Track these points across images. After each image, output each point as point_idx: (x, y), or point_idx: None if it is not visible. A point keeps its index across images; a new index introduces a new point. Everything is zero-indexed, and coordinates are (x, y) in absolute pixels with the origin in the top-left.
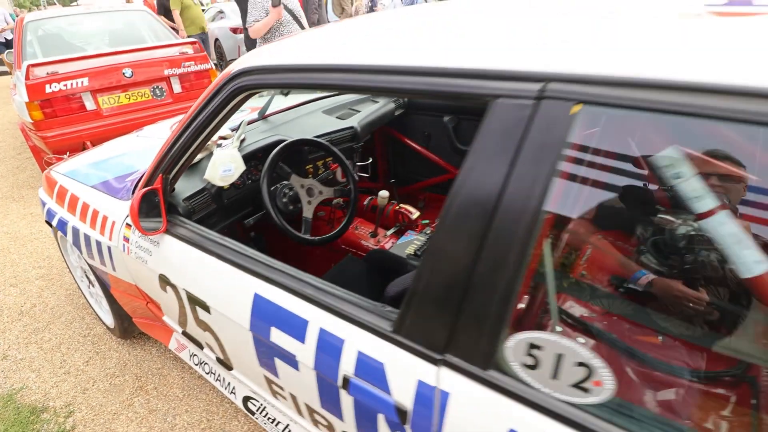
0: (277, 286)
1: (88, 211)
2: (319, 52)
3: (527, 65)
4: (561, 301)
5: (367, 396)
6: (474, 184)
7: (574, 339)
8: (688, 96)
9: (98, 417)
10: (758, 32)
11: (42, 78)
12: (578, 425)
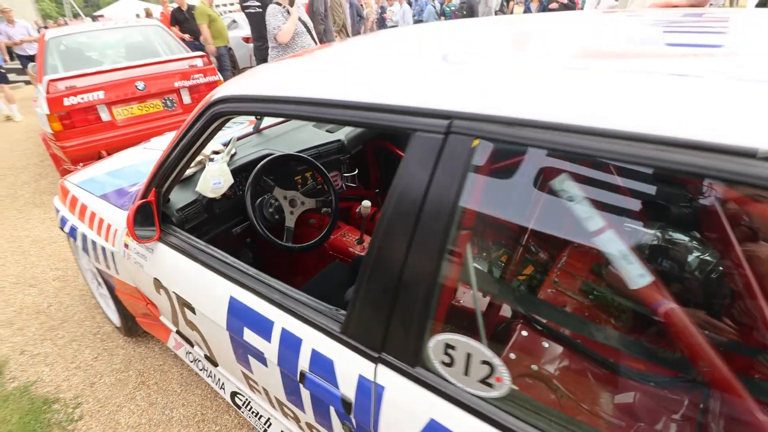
0: (249, 291)
1: (95, 219)
2: (283, 86)
3: (438, 104)
4: (473, 307)
5: (319, 389)
6: (398, 204)
7: (479, 341)
8: (556, 134)
9: (103, 408)
10: (637, 83)
11: (61, 92)
12: (484, 416)
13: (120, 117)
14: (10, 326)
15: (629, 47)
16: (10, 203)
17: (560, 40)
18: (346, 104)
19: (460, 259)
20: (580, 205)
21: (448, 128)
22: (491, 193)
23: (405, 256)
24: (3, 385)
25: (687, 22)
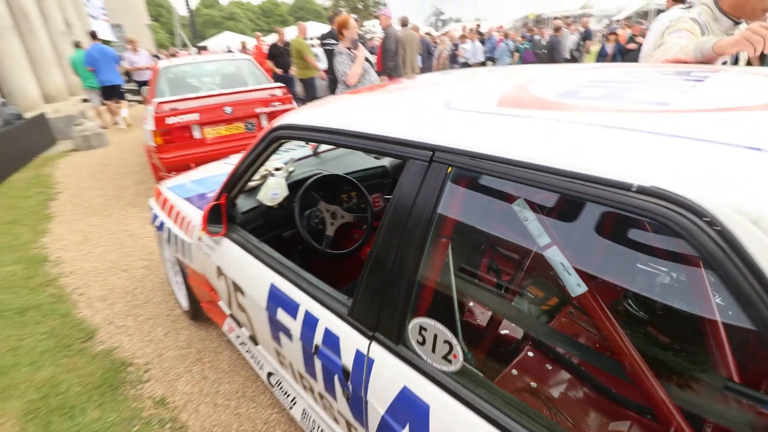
0: (285, 279)
1: (179, 217)
2: (328, 119)
3: (422, 137)
4: (442, 296)
5: (328, 360)
6: (392, 214)
7: (443, 324)
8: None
9: (166, 375)
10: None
11: (166, 112)
12: (443, 386)
13: (209, 136)
14: (104, 301)
15: (581, 102)
16: (116, 203)
17: (528, 91)
18: (367, 136)
19: (435, 259)
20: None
21: (431, 158)
22: (460, 209)
23: (394, 256)
24: (93, 346)
25: (664, 79)
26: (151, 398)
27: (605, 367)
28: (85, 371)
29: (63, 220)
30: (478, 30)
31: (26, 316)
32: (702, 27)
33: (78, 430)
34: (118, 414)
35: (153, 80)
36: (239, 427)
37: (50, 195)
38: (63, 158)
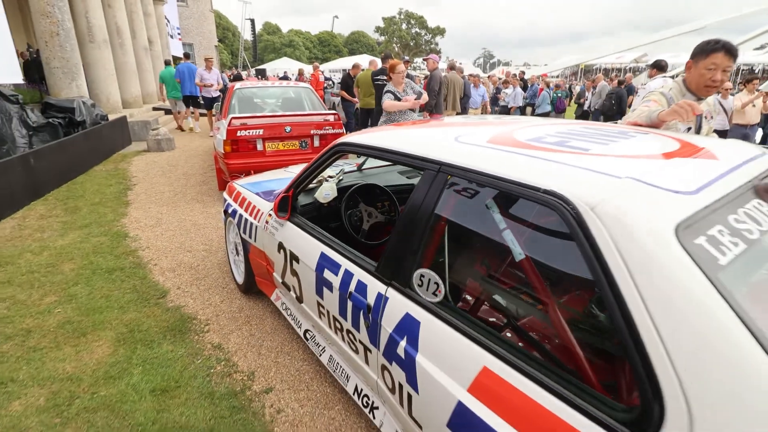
0: (331, 248)
1: (249, 206)
2: (372, 140)
3: (435, 156)
4: (436, 258)
5: (357, 300)
6: (409, 206)
7: (435, 270)
8: (480, 177)
9: (221, 330)
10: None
11: (237, 126)
12: (430, 309)
13: (269, 149)
14: (173, 272)
15: (539, 144)
16: (182, 197)
17: (511, 135)
18: (401, 153)
19: (434, 236)
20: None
21: (438, 169)
22: (453, 206)
23: (408, 232)
24: (166, 303)
25: (600, 135)
26: (210, 343)
27: (524, 301)
28: (160, 318)
29: (138, 207)
30: (522, 77)
31: (113, 275)
32: (669, 100)
33: (156, 356)
34: (185, 350)
35: (228, 98)
36: (276, 371)
37: (127, 185)
38: (137, 156)
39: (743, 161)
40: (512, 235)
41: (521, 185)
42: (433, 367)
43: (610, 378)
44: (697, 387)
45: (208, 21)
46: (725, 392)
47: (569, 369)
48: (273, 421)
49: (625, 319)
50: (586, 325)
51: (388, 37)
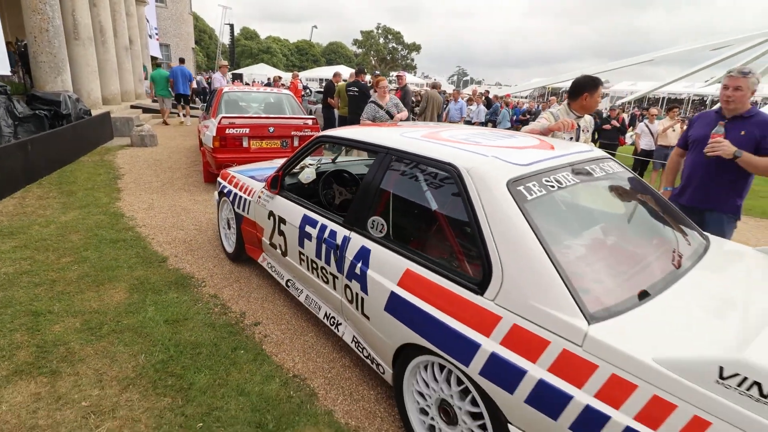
0: (310, 210)
1: (244, 186)
2: (347, 134)
3: (385, 143)
4: (383, 210)
5: (329, 243)
6: (367, 176)
7: (382, 216)
8: (411, 155)
9: (216, 285)
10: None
11: (226, 125)
12: (377, 240)
13: (253, 146)
14: (169, 244)
15: (452, 138)
16: (170, 187)
17: (437, 134)
18: (364, 142)
19: (382, 196)
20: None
21: (386, 153)
22: (392, 178)
23: (365, 194)
24: (167, 265)
25: (492, 136)
26: (207, 294)
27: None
28: (164, 275)
29: (130, 193)
30: (486, 96)
31: (118, 244)
32: (555, 117)
33: (165, 300)
34: (188, 297)
35: (217, 100)
36: (263, 312)
37: (116, 175)
38: (121, 150)
39: (570, 152)
40: (429, 190)
41: (435, 160)
42: (377, 275)
43: (470, 263)
44: (507, 262)
45: (187, 23)
46: (520, 265)
47: (451, 262)
48: (261, 342)
49: (478, 229)
50: (460, 237)
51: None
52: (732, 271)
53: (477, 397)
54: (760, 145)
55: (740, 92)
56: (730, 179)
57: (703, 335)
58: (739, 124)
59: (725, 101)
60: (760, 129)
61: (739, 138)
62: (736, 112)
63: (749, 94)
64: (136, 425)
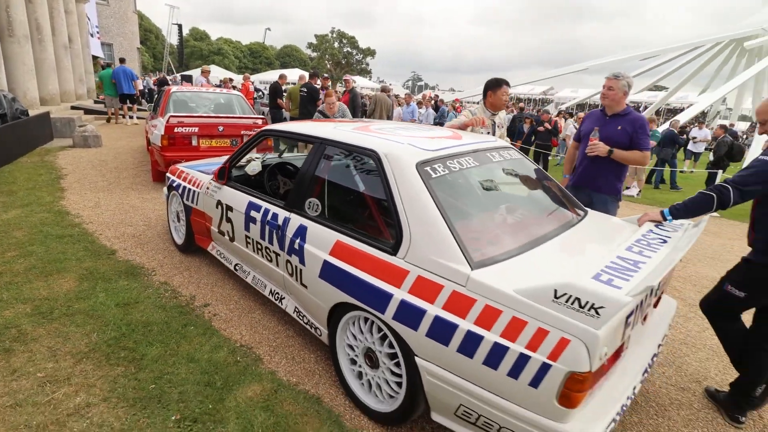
0: (255, 197)
1: (192, 179)
2: (286, 128)
3: (320, 135)
4: (318, 193)
5: (272, 225)
6: (305, 163)
7: (317, 198)
8: (343, 144)
9: (166, 274)
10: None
11: (174, 123)
12: (313, 219)
13: (203, 145)
14: (118, 239)
15: (379, 129)
16: (117, 186)
17: (368, 127)
18: (301, 134)
19: (317, 180)
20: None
21: (321, 143)
22: (325, 164)
23: (304, 179)
24: (116, 258)
25: (410, 128)
26: (158, 281)
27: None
28: (114, 266)
29: (74, 192)
30: (436, 100)
31: (65, 239)
32: (474, 114)
33: (115, 287)
34: (138, 284)
35: (165, 100)
36: (212, 295)
37: (59, 175)
38: (62, 151)
39: (475, 142)
40: (355, 173)
41: (361, 147)
42: (312, 248)
43: (387, 231)
44: (414, 227)
45: (131, 22)
46: (424, 229)
47: (372, 231)
48: (210, 320)
49: (393, 202)
50: (380, 210)
51: (320, 54)
52: (593, 233)
53: (392, 339)
54: (632, 139)
55: (612, 91)
56: (608, 167)
57: (552, 273)
58: (617, 121)
59: (602, 98)
60: (632, 125)
61: (616, 132)
62: (614, 110)
63: (621, 93)
64: (91, 389)
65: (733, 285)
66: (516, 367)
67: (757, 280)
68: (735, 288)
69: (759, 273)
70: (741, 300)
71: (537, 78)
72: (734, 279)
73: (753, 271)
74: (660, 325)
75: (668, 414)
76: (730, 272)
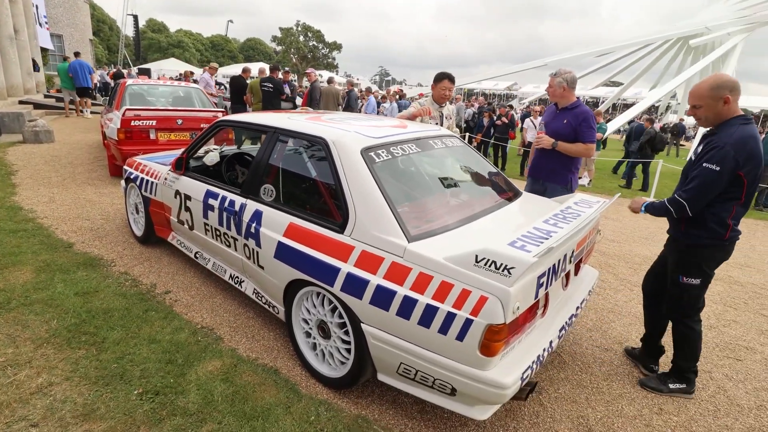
0: (212, 186)
1: (150, 171)
2: (241, 119)
3: (273, 124)
4: (273, 179)
5: (230, 211)
6: (259, 152)
7: (271, 184)
8: (294, 132)
9: (126, 265)
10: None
11: (131, 117)
12: (268, 204)
13: (161, 139)
14: (75, 233)
15: (329, 119)
16: (72, 182)
17: (319, 117)
18: (255, 124)
19: (272, 166)
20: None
21: (274, 132)
22: (278, 152)
23: (258, 166)
24: (73, 251)
25: (362, 119)
26: (118, 271)
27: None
28: (71, 258)
29: (27, 188)
30: (400, 94)
31: (19, 234)
32: (422, 106)
33: (74, 278)
34: (98, 274)
35: (120, 93)
36: (173, 283)
37: (9, 171)
38: (11, 147)
39: (418, 130)
40: (306, 160)
41: (311, 135)
42: (268, 231)
43: (335, 212)
44: (359, 207)
45: (82, 12)
46: (367, 208)
47: (322, 213)
48: (172, 305)
49: (339, 185)
50: (329, 193)
51: (285, 47)
52: (521, 211)
53: (341, 309)
54: (576, 132)
55: (551, 88)
56: (557, 159)
57: (477, 242)
58: (564, 114)
59: (548, 94)
60: (576, 119)
61: (562, 125)
62: (563, 104)
63: (559, 89)
64: (53, 371)
65: (686, 276)
66: (445, 324)
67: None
68: (691, 278)
69: (701, 252)
70: (699, 286)
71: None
72: (685, 269)
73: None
74: (579, 291)
75: (591, 370)
76: (676, 266)
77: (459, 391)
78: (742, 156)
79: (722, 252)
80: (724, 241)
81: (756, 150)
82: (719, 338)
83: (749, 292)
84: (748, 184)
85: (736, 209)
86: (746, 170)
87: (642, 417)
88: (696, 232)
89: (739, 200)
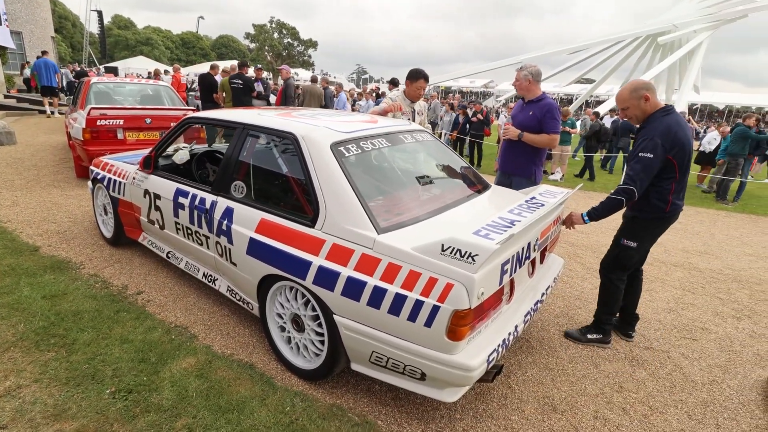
0: (182, 184)
1: (117, 170)
2: (210, 115)
3: (243, 121)
4: (244, 175)
5: (200, 209)
6: (229, 148)
7: (242, 180)
8: (266, 128)
9: (95, 267)
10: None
11: (96, 116)
12: (238, 200)
13: (129, 138)
14: (41, 236)
15: (299, 114)
16: (36, 184)
17: (290, 113)
18: (225, 120)
19: (242, 163)
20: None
21: (243, 128)
22: (248, 149)
23: (227, 164)
24: (40, 254)
25: (334, 114)
26: (87, 273)
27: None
28: (38, 262)
29: None
30: (376, 92)
31: None
32: (393, 102)
33: (41, 281)
34: (66, 277)
35: (84, 91)
36: (145, 284)
37: None
38: None
39: (388, 125)
40: (276, 155)
41: (280, 130)
42: (239, 227)
43: (305, 206)
44: (329, 201)
45: (42, 8)
46: (337, 202)
47: (292, 208)
48: (144, 305)
49: (309, 179)
50: (299, 188)
51: (259, 45)
52: (489, 202)
53: (314, 302)
54: (541, 123)
55: (518, 82)
56: (522, 152)
57: (444, 233)
58: (530, 107)
59: (515, 87)
60: (541, 111)
61: (528, 117)
62: (529, 97)
63: (525, 82)
64: (21, 373)
65: (627, 239)
66: (414, 312)
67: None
68: (630, 241)
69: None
70: (635, 249)
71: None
72: (627, 233)
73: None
74: (545, 279)
75: (557, 354)
76: (621, 231)
77: (428, 375)
78: (668, 143)
79: (665, 222)
80: (665, 213)
81: (680, 135)
82: (677, 320)
83: (707, 278)
84: (679, 164)
85: (675, 186)
86: (674, 153)
87: (603, 395)
88: (642, 207)
89: (674, 178)
